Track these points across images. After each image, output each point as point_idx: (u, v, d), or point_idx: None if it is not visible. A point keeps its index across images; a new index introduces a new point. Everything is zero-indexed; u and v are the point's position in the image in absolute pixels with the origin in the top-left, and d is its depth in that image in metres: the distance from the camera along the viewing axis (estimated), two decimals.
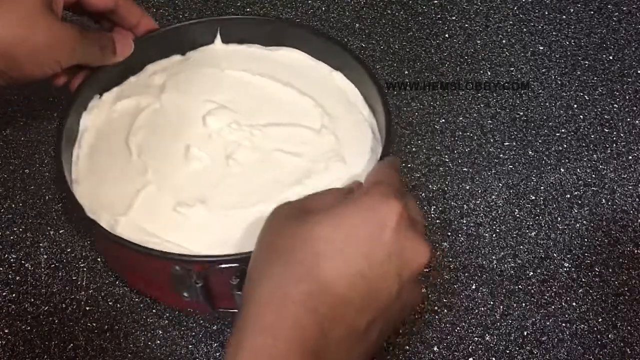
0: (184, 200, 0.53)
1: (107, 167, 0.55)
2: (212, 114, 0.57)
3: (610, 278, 0.58)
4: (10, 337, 0.53)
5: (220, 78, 0.60)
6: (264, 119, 0.57)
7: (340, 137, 0.57)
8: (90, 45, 0.54)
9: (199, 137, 0.56)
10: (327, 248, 0.39)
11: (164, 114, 0.58)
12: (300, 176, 0.54)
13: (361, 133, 0.57)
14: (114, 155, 0.56)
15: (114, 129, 0.57)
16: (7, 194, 0.60)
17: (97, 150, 0.56)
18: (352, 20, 0.73)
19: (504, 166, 0.64)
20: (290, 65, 0.61)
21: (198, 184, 0.54)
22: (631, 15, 0.75)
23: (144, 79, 0.61)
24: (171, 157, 0.55)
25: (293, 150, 0.56)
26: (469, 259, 0.58)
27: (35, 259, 0.57)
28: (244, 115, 0.57)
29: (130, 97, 0.59)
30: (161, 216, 0.52)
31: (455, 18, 0.74)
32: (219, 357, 0.53)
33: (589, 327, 0.55)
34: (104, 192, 0.53)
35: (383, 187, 0.41)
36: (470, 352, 0.54)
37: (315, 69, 0.61)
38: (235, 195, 0.53)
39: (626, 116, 0.68)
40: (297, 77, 0.60)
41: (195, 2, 0.74)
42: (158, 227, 0.51)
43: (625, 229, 0.60)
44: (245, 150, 0.55)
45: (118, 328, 0.54)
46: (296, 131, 0.57)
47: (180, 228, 0.52)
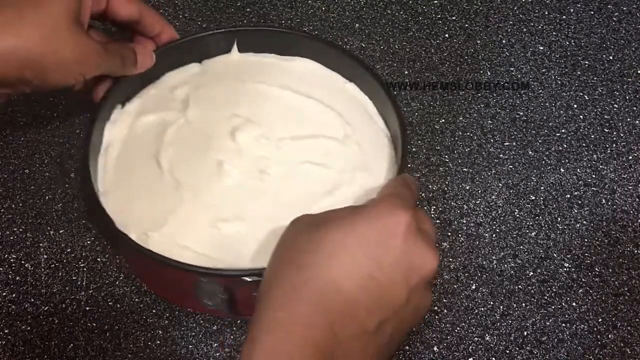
0: (222, 216, 0.53)
1: (135, 182, 0.55)
2: (240, 129, 0.57)
3: (610, 278, 0.58)
4: (10, 337, 0.53)
5: (242, 91, 0.61)
6: (289, 132, 0.58)
7: (362, 147, 0.57)
8: (112, 58, 0.54)
9: (229, 152, 0.56)
10: (339, 251, 0.40)
11: (192, 130, 0.58)
12: (330, 187, 0.55)
13: (380, 143, 0.58)
14: (143, 171, 0.56)
15: (140, 143, 0.57)
16: (7, 194, 0.60)
17: (124, 164, 0.56)
18: (352, 20, 0.73)
19: (504, 166, 0.64)
20: (306, 75, 0.62)
21: (233, 199, 0.54)
22: (631, 15, 0.75)
23: (165, 93, 0.61)
24: (203, 173, 0.55)
25: (321, 162, 0.56)
26: (469, 259, 0.58)
27: (35, 259, 0.57)
28: (269, 128, 0.58)
29: (154, 112, 0.59)
30: (197, 232, 0.52)
31: (455, 18, 0.74)
32: (218, 357, 0.53)
33: (589, 327, 0.55)
34: (133, 206, 0.53)
35: (393, 198, 0.43)
36: (470, 352, 0.54)
37: (330, 79, 0.62)
38: (270, 208, 0.54)
39: (626, 116, 0.68)
40: (315, 87, 0.61)
41: (195, 2, 0.74)
42: (193, 241, 0.52)
43: (625, 229, 0.60)
44: (276, 163, 0.56)
45: (118, 328, 0.54)
46: (321, 142, 0.57)
47: (217, 243, 0.52)
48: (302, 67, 0.62)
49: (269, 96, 0.60)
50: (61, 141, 0.63)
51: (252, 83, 0.61)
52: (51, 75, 0.50)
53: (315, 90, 0.60)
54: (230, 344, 0.54)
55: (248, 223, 0.53)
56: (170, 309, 0.55)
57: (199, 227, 0.53)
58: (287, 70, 0.62)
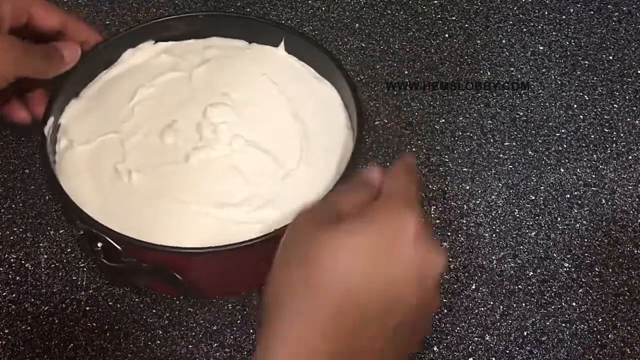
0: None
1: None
2: (215, 106, 0.58)
3: (610, 278, 0.58)
4: (10, 337, 0.53)
5: (253, 80, 0.61)
6: (251, 135, 0.57)
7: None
8: (34, 57, 0.53)
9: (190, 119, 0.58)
10: (350, 259, 0.39)
11: (187, 83, 0.60)
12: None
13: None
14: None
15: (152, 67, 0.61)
16: (7, 194, 0.60)
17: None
18: (352, 20, 0.73)
19: (504, 166, 0.64)
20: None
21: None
22: (631, 15, 0.75)
23: (200, 45, 0.63)
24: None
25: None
26: (469, 259, 0.58)
27: (35, 259, 0.57)
28: (240, 124, 0.58)
29: (177, 56, 0.62)
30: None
31: (455, 18, 0.74)
32: (218, 357, 0.53)
33: (588, 327, 0.55)
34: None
35: (399, 199, 0.42)
36: (470, 352, 0.54)
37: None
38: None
39: (626, 116, 0.68)
40: (301, 103, 0.60)
41: (195, 2, 0.74)
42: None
43: (625, 229, 0.60)
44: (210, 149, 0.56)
45: (118, 328, 0.54)
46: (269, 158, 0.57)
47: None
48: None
49: (270, 98, 0.60)
50: None
51: (267, 77, 0.61)
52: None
53: (301, 108, 0.60)
54: (230, 344, 0.54)
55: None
56: (170, 309, 0.55)
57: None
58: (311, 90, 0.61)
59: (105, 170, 0.55)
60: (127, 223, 0.51)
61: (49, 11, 0.56)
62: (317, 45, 0.61)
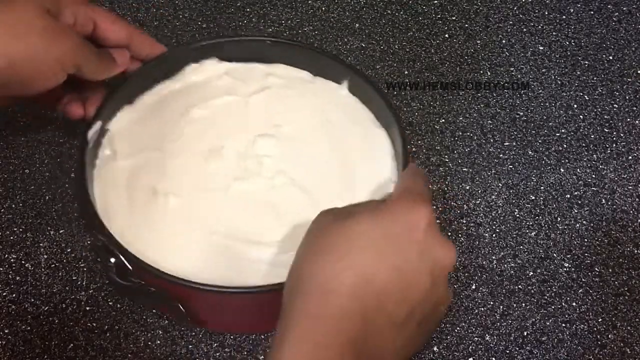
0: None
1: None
2: (264, 138, 0.58)
3: (610, 278, 0.58)
4: (10, 337, 0.53)
5: (308, 116, 0.60)
6: (295, 173, 0.57)
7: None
8: (90, 50, 0.53)
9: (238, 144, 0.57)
10: (367, 244, 0.41)
11: (242, 109, 0.60)
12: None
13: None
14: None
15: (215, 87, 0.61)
16: (7, 194, 0.60)
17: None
18: (352, 20, 0.73)
19: (504, 166, 0.64)
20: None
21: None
22: (631, 15, 0.75)
23: (263, 71, 0.62)
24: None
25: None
26: (469, 259, 0.58)
27: (35, 259, 0.57)
28: (286, 159, 0.57)
29: (238, 79, 0.61)
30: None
31: (455, 18, 0.74)
32: (218, 357, 0.53)
33: (588, 327, 0.55)
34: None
35: (411, 194, 0.44)
36: (470, 352, 0.54)
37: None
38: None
39: (626, 116, 0.68)
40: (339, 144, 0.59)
41: (195, 2, 0.74)
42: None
43: (625, 229, 0.60)
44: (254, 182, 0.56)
45: (118, 328, 0.54)
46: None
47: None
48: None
49: (319, 135, 0.59)
50: (61, 141, 0.63)
51: (320, 114, 0.60)
52: (24, 72, 0.50)
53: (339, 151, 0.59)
54: (230, 344, 0.54)
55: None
56: None
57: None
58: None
59: (143, 188, 0.54)
60: (149, 244, 0.51)
61: (115, 23, 0.56)
62: (378, 90, 0.59)
